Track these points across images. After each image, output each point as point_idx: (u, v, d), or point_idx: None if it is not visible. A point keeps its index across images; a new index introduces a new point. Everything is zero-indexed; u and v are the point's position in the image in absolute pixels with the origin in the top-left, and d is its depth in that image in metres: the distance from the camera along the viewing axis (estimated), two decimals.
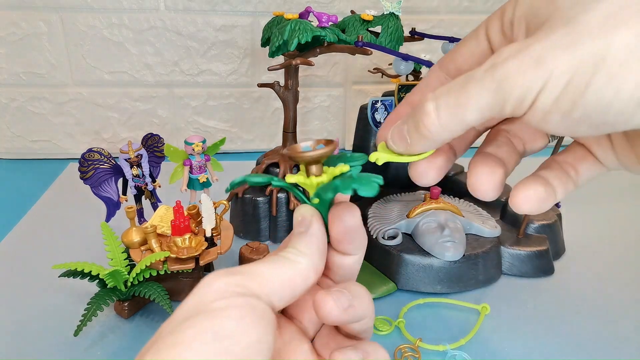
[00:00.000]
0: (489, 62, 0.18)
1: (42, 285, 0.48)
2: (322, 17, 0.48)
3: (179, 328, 0.17)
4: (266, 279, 0.19)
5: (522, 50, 0.17)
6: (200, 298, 0.18)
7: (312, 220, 0.22)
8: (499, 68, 0.17)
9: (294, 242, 0.21)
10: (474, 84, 0.18)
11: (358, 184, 0.21)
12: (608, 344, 0.43)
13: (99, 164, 0.54)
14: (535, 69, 0.17)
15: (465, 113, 0.18)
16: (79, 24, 0.73)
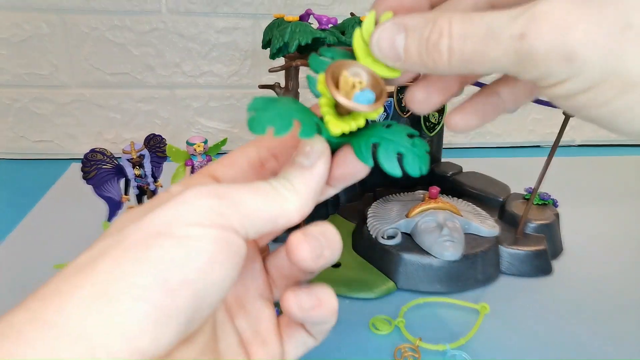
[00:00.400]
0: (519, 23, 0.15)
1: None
2: (322, 20, 0.49)
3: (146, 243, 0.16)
4: (250, 212, 0.17)
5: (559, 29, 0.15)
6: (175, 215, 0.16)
7: (321, 157, 0.19)
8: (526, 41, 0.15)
9: (290, 174, 0.19)
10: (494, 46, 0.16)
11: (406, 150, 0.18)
12: (607, 343, 0.43)
13: (102, 164, 0.55)
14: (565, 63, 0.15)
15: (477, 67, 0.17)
16: (81, 25, 0.73)
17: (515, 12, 0.16)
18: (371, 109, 0.18)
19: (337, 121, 0.19)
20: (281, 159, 0.22)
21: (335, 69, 0.19)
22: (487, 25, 0.16)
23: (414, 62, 0.18)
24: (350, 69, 0.19)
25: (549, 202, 0.57)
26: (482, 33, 0.16)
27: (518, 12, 0.15)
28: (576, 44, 0.14)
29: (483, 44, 0.16)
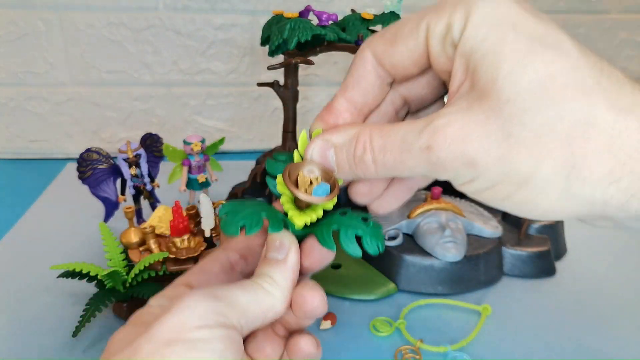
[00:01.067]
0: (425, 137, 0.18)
1: (41, 285, 0.48)
2: (322, 16, 0.48)
3: (161, 352, 0.18)
4: (244, 310, 0.20)
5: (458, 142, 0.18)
6: (182, 321, 0.19)
7: (291, 248, 0.22)
8: (434, 153, 0.18)
9: (268, 270, 0.22)
10: (409, 158, 0.19)
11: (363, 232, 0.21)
12: (610, 344, 0.42)
13: (98, 164, 0.54)
14: (467, 168, 0.18)
15: (399, 173, 0.20)
16: (77, 23, 0.72)
17: (420, 125, 0.19)
18: (328, 200, 0.21)
19: (300, 215, 0.22)
20: (250, 260, 0.25)
21: (292, 170, 0.22)
22: (401, 138, 0.19)
23: (346, 172, 0.21)
24: (305, 167, 0.22)
25: None
26: (397, 146, 0.19)
27: (422, 125, 0.19)
28: (474, 153, 0.17)
29: (400, 155, 0.19)
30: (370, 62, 0.22)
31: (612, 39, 0.83)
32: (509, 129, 0.17)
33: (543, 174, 0.17)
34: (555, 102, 0.17)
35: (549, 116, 0.17)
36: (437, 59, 0.20)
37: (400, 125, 0.20)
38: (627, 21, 0.82)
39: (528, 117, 0.17)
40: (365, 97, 0.22)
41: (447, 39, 0.19)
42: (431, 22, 0.20)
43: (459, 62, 0.19)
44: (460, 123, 0.18)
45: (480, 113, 0.18)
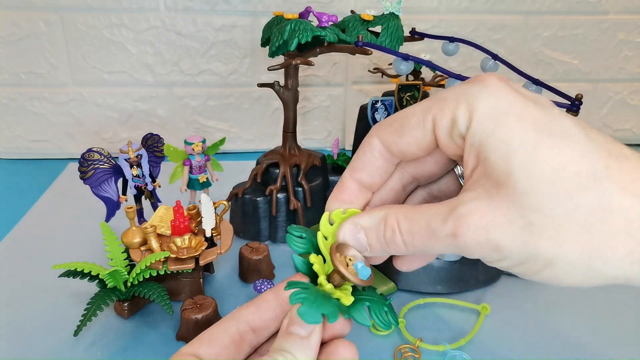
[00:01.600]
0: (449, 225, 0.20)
1: (42, 285, 0.48)
2: (322, 17, 0.48)
3: None
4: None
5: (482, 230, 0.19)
6: None
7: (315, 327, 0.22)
8: (461, 240, 0.19)
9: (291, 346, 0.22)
10: (437, 243, 0.20)
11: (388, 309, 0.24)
12: (609, 344, 0.42)
13: (99, 164, 0.54)
14: (493, 252, 0.19)
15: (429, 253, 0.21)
16: (78, 23, 0.73)
17: (443, 212, 0.20)
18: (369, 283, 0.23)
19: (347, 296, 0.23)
20: (259, 333, 0.25)
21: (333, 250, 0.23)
22: (426, 223, 0.20)
23: (379, 251, 0.23)
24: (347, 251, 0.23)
25: None
26: (423, 231, 0.21)
27: (445, 212, 0.20)
28: (498, 240, 0.19)
29: (427, 240, 0.21)
30: (377, 148, 0.23)
31: (610, 40, 0.83)
32: (529, 218, 0.18)
33: (566, 257, 0.18)
34: (570, 193, 0.18)
35: (566, 206, 0.18)
36: (446, 146, 0.21)
37: (423, 210, 0.21)
38: (625, 22, 0.82)
39: (546, 207, 0.18)
40: (373, 178, 0.24)
41: (454, 131, 0.20)
42: (437, 116, 0.21)
43: (469, 151, 0.20)
44: (482, 211, 0.19)
45: (500, 201, 0.19)
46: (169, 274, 0.44)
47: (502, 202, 0.19)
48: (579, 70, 0.85)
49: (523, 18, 0.80)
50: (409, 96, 0.61)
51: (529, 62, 0.83)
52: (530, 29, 0.81)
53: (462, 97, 0.20)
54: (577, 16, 0.81)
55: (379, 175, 0.24)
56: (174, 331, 0.43)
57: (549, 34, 0.82)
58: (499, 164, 0.19)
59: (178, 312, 0.44)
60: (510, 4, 0.79)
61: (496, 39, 0.81)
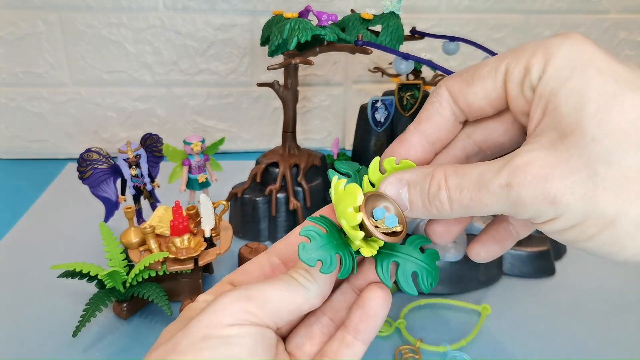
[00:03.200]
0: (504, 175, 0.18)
1: (41, 285, 0.48)
2: (322, 16, 0.48)
3: (197, 346, 0.19)
4: (277, 307, 0.21)
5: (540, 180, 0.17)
6: (217, 319, 0.20)
7: None
8: (514, 190, 0.18)
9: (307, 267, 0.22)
10: (487, 196, 0.19)
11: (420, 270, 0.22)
12: (609, 344, 0.42)
13: (98, 164, 0.54)
14: (550, 206, 0.17)
15: (475, 212, 0.20)
16: (77, 23, 0.72)
17: (498, 164, 0.19)
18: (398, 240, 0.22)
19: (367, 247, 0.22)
20: (290, 265, 0.25)
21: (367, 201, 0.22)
22: (477, 176, 0.19)
23: (419, 210, 0.21)
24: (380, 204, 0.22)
25: None
26: (474, 184, 0.19)
27: (500, 164, 0.18)
28: (556, 191, 0.17)
29: (477, 193, 0.19)
30: (445, 98, 0.22)
31: (611, 39, 0.83)
32: (594, 167, 0.17)
33: (631, 216, 0.17)
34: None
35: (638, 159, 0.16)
36: (515, 101, 0.20)
37: (476, 165, 0.19)
38: (626, 21, 0.82)
39: (615, 157, 0.16)
40: (439, 132, 0.23)
41: (525, 81, 0.19)
42: (510, 64, 0.20)
43: (538, 102, 0.19)
44: (542, 161, 0.17)
45: (564, 151, 0.17)
46: (168, 274, 0.44)
47: (567, 151, 0.17)
48: None
49: (524, 17, 0.80)
50: (410, 95, 0.61)
51: None
52: (531, 28, 0.81)
53: (540, 46, 0.19)
54: (578, 15, 0.81)
55: (445, 129, 0.23)
56: None
57: (550, 33, 0.82)
58: (570, 112, 0.17)
59: (177, 313, 0.43)
60: (511, 3, 0.79)
61: (497, 38, 0.81)
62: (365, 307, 0.22)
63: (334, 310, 0.24)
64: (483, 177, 0.19)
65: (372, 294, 0.22)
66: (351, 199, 0.21)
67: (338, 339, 0.23)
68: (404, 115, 0.62)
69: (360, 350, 0.23)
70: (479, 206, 0.19)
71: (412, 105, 0.62)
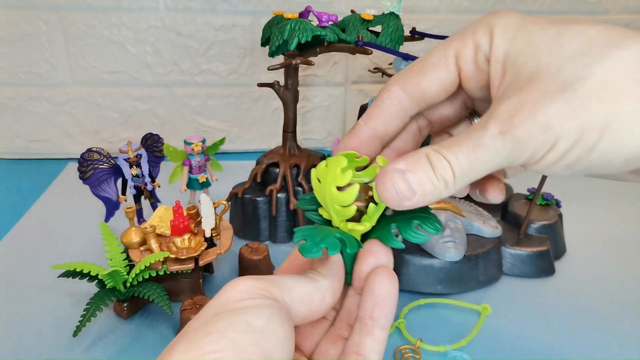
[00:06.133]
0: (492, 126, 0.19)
1: (41, 285, 0.48)
2: (322, 17, 0.48)
3: (210, 322, 0.19)
4: (288, 288, 0.21)
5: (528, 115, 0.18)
6: (226, 297, 0.20)
7: None
8: (509, 134, 0.18)
9: (314, 266, 0.23)
10: (484, 152, 0.19)
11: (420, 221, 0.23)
12: (609, 344, 0.42)
13: (98, 163, 0.54)
14: (545, 134, 0.18)
15: (477, 175, 0.20)
16: (78, 23, 0.72)
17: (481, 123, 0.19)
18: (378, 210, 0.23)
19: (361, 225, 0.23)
20: None
21: None
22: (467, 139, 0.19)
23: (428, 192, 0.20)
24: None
25: (551, 203, 0.56)
26: (466, 146, 0.19)
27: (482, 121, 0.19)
28: (546, 117, 0.18)
29: (473, 153, 0.19)
30: (396, 95, 0.23)
31: None
32: (571, 85, 0.18)
33: (621, 114, 0.17)
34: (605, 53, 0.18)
35: (605, 64, 0.17)
36: (471, 78, 0.21)
37: (459, 134, 0.20)
38: (626, 21, 0.82)
39: (585, 71, 0.18)
40: (387, 127, 0.24)
41: (478, 56, 0.21)
42: (459, 48, 0.21)
43: (495, 67, 0.20)
44: (521, 101, 0.18)
45: (536, 87, 0.18)
46: (168, 274, 0.44)
47: (539, 86, 0.18)
48: None
49: None
50: None
51: None
52: None
53: (479, 24, 0.21)
54: (578, 15, 0.81)
55: (394, 124, 0.24)
56: (174, 332, 0.42)
57: None
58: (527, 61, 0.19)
59: (178, 313, 0.43)
60: (510, 3, 0.79)
61: None
62: (375, 290, 0.23)
63: (348, 314, 0.25)
64: (472, 137, 0.19)
65: (377, 277, 0.23)
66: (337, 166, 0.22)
67: (357, 330, 0.23)
68: None
69: (381, 336, 0.22)
70: (479, 165, 0.19)
71: None
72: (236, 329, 0.18)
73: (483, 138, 0.19)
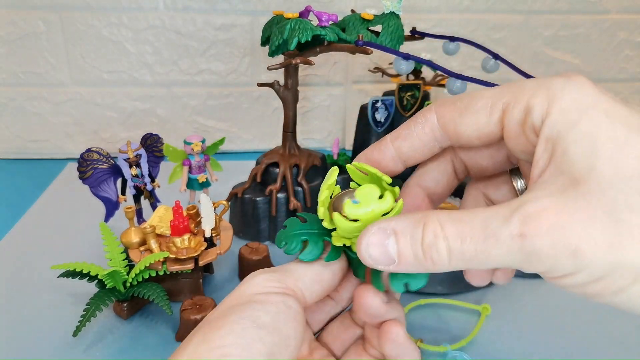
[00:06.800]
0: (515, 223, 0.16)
1: (41, 285, 0.48)
2: (322, 16, 0.48)
3: (223, 315, 0.20)
4: (300, 274, 0.22)
5: (558, 229, 0.16)
6: (243, 290, 0.21)
7: None
8: (528, 240, 0.16)
9: None
10: (496, 248, 0.17)
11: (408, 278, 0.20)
12: (609, 344, 0.42)
13: (98, 163, 0.54)
14: (570, 259, 0.16)
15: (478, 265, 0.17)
16: (77, 23, 0.72)
17: (504, 211, 0.17)
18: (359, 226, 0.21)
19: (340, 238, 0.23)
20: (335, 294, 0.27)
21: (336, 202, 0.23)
22: (481, 224, 0.17)
23: (409, 264, 0.19)
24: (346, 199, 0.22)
25: None
26: (478, 233, 0.17)
27: (508, 210, 0.17)
28: (578, 241, 0.15)
29: (483, 243, 0.17)
30: (430, 123, 0.21)
31: (611, 39, 0.83)
32: (617, 215, 0.15)
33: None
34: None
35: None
36: (514, 139, 0.19)
37: (475, 211, 0.18)
38: (626, 21, 0.82)
39: (637, 200, 0.15)
40: (413, 152, 0.22)
41: (527, 122, 0.18)
42: (509, 103, 0.19)
43: (543, 146, 0.18)
44: (557, 208, 0.16)
45: (580, 197, 0.16)
46: (168, 274, 0.44)
47: (583, 197, 0.16)
48: (580, 70, 0.85)
49: (524, 17, 0.80)
50: (410, 96, 0.61)
51: (530, 61, 0.83)
52: (531, 28, 0.81)
53: (541, 86, 0.18)
54: (578, 15, 0.81)
55: (421, 151, 0.22)
56: (174, 332, 0.42)
57: (550, 33, 0.82)
58: (580, 158, 0.16)
59: (177, 313, 0.43)
60: (511, 3, 0.79)
61: (497, 38, 0.81)
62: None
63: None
64: (489, 225, 0.17)
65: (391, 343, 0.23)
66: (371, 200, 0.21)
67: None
68: (404, 115, 0.62)
69: None
70: (484, 258, 0.17)
71: (412, 105, 0.62)
72: (243, 325, 0.19)
73: (500, 232, 0.17)
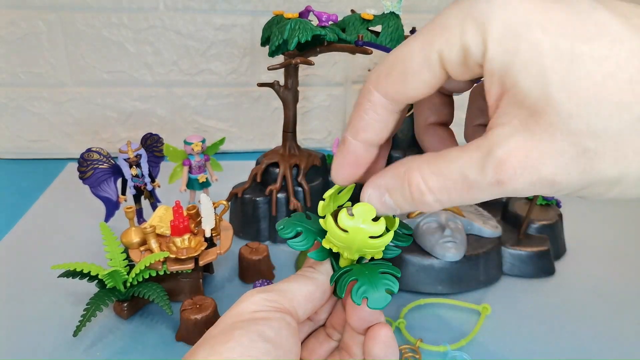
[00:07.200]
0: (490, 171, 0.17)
1: (41, 285, 0.48)
2: (322, 16, 0.48)
3: (228, 330, 0.21)
4: (294, 294, 0.24)
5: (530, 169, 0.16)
6: (242, 308, 0.22)
7: None
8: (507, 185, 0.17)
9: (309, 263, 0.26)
10: (480, 193, 0.18)
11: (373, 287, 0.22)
12: (609, 344, 0.42)
13: (98, 164, 0.54)
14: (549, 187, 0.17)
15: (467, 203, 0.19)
16: (78, 23, 0.72)
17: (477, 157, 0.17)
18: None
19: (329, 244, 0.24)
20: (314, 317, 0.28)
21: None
22: (460, 175, 0.18)
23: (410, 209, 0.21)
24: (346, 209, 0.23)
25: (552, 203, 0.56)
26: (460, 185, 0.18)
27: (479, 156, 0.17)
28: (552, 175, 0.16)
29: (466, 193, 0.18)
30: (379, 103, 0.21)
31: None
32: (582, 144, 0.16)
33: (633, 174, 0.16)
34: (625, 104, 0.15)
35: (623, 119, 0.15)
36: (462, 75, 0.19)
37: (451, 159, 0.18)
38: None
39: (600, 126, 0.15)
40: (381, 134, 0.22)
41: (468, 62, 0.18)
42: (443, 49, 0.18)
43: (491, 79, 0.17)
44: (525, 148, 0.16)
45: (543, 132, 0.16)
46: (168, 274, 0.44)
47: (546, 132, 0.16)
48: None
49: None
50: None
51: None
52: None
53: (467, 18, 0.17)
54: None
55: (386, 130, 0.22)
56: (174, 332, 0.42)
57: None
58: (532, 88, 0.16)
59: (178, 313, 0.43)
60: None
61: None
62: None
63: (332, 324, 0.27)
64: (467, 177, 0.18)
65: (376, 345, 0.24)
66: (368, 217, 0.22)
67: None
68: None
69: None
70: (472, 201, 0.19)
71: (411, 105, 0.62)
72: (251, 338, 0.20)
73: (479, 183, 0.18)
